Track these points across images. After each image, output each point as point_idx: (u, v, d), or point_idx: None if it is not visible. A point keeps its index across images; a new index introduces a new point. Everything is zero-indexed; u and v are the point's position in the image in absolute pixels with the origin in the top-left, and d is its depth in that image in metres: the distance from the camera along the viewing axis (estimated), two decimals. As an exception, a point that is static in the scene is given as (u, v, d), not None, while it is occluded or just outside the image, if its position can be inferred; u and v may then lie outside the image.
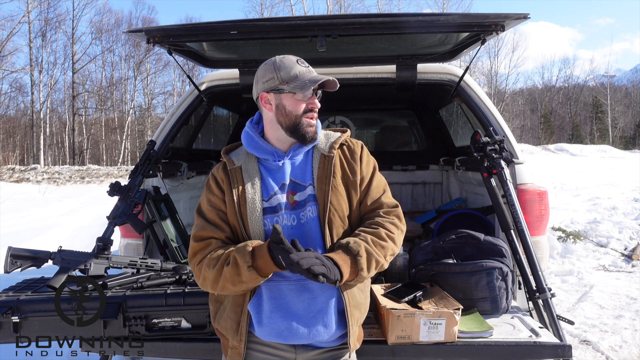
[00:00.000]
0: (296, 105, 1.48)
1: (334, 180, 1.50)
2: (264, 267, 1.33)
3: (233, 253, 1.37)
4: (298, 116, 1.48)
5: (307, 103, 1.49)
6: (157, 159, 2.63)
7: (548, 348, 1.78)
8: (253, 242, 1.40)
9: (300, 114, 1.48)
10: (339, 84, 1.51)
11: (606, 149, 25.87)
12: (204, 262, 1.43)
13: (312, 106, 1.49)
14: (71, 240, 6.32)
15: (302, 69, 1.48)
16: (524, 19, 2.02)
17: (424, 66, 2.79)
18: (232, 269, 1.35)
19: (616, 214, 7.51)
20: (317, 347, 1.49)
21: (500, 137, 2.40)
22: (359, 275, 1.39)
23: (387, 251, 1.44)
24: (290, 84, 1.47)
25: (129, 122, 36.86)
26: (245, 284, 1.37)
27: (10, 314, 1.82)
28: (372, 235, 1.44)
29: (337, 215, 1.48)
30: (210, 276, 1.41)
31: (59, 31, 34.11)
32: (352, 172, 1.54)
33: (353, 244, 1.39)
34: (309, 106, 1.49)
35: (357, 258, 1.37)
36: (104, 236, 2.20)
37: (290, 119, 1.49)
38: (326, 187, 1.48)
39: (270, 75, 1.49)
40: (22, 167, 20.20)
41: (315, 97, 1.50)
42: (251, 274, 1.33)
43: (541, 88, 51.80)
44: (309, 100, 1.49)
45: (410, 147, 4.98)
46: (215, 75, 2.98)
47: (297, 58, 1.51)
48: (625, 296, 4.40)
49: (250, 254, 1.34)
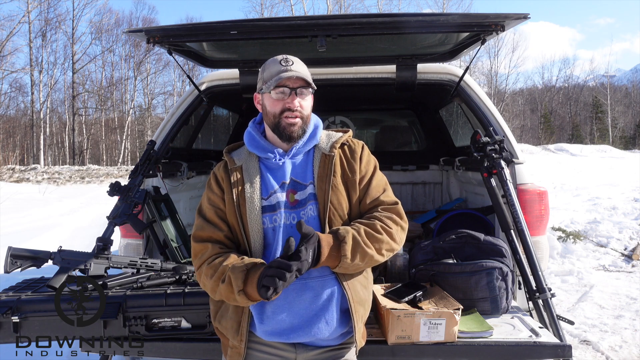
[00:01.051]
0: (273, 105, 1.50)
1: (334, 179, 1.51)
2: (252, 295, 1.34)
3: (228, 272, 1.37)
4: (276, 115, 1.49)
5: (285, 102, 1.48)
6: (157, 159, 2.63)
7: (548, 348, 1.78)
8: (252, 261, 1.39)
9: (277, 114, 1.49)
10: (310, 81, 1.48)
11: (606, 149, 25.86)
12: (203, 270, 1.44)
13: (289, 105, 1.48)
14: (71, 240, 6.32)
15: (280, 68, 1.48)
16: (524, 19, 2.02)
17: (424, 66, 2.79)
18: (226, 287, 1.37)
19: (616, 214, 7.51)
20: (318, 347, 1.49)
21: (500, 137, 2.40)
22: (341, 262, 1.38)
23: (382, 245, 1.44)
24: (267, 83, 1.49)
25: (129, 122, 36.84)
26: (239, 303, 1.39)
27: (10, 314, 1.82)
28: (365, 226, 1.44)
29: (337, 214, 1.48)
30: (208, 285, 1.44)
31: (59, 31, 34.12)
32: (351, 171, 1.55)
33: (342, 230, 1.41)
34: (286, 105, 1.48)
35: (341, 244, 1.38)
36: (104, 236, 2.20)
37: (270, 119, 1.51)
38: (326, 186, 1.49)
39: (259, 76, 1.54)
40: (22, 167, 20.19)
41: (295, 97, 1.48)
42: (241, 298, 1.35)
43: (541, 88, 51.81)
44: (286, 100, 1.48)
45: (410, 147, 4.98)
46: (215, 75, 2.98)
47: (283, 57, 1.51)
48: (625, 296, 4.40)
49: (243, 278, 1.34)
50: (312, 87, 1.51)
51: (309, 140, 1.57)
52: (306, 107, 1.52)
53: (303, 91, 1.49)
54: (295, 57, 1.54)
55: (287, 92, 1.48)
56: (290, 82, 1.47)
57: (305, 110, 1.51)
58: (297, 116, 1.49)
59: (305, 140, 1.55)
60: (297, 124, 1.49)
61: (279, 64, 1.49)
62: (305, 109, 1.51)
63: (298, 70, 1.48)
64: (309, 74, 1.54)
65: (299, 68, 1.50)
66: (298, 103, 1.48)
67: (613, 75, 55.90)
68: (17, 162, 23.10)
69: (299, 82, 1.48)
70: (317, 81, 2.87)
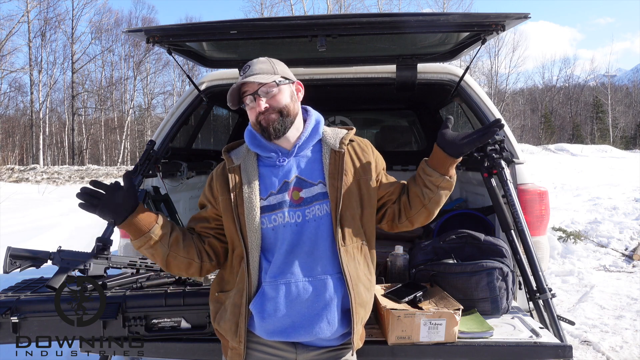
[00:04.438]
0: (250, 114, 1.52)
1: (346, 177, 1.50)
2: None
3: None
4: (254, 123, 1.50)
5: (255, 109, 1.48)
6: (156, 159, 2.62)
7: (548, 348, 1.77)
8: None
9: (254, 120, 1.50)
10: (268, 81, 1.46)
11: (607, 148, 25.85)
12: None
13: (258, 109, 1.47)
14: (71, 240, 6.31)
15: (239, 79, 1.49)
16: (525, 18, 2.02)
17: (424, 66, 2.78)
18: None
19: (617, 214, 7.51)
20: (318, 347, 1.48)
21: (500, 137, 2.39)
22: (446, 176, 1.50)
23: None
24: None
25: (128, 122, 36.86)
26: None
27: (10, 314, 1.82)
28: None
29: (348, 212, 1.47)
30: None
31: (59, 31, 34.15)
32: (364, 169, 1.54)
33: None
34: (257, 109, 1.47)
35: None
36: (103, 236, 2.20)
37: (255, 126, 1.52)
38: (338, 183, 1.47)
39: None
40: (22, 167, 20.19)
41: (259, 99, 1.45)
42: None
43: (542, 88, 51.77)
44: (254, 106, 1.48)
45: (410, 147, 4.98)
46: (215, 75, 2.98)
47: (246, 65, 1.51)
48: (626, 296, 4.39)
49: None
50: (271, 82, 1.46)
51: (311, 136, 1.55)
52: (278, 100, 1.47)
53: (266, 90, 1.46)
54: (258, 59, 1.53)
55: (252, 98, 1.47)
56: (249, 88, 1.47)
57: (278, 104, 1.47)
58: (270, 113, 1.46)
59: (307, 135, 1.54)
60: (272, 119, 1.46)
61: (241, 74, 1.50)
62: (278, 102, 1.47)
63: (253, 72, 1.47)
64: (272, 69, 1.50)
65: (255, 69, 1.48)
66: (264, 103, 1.46)
67: (614, 75, 55.90)
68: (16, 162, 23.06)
69: (256, 84, 1.46)
70: (317, 81, 2.91)
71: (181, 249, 1.46)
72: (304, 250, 1.44)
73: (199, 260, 1.49)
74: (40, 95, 32.93)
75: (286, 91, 1.50)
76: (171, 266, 1.48)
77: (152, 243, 1.42)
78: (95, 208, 1.39)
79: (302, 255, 1.44)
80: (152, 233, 1.42)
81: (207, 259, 1.51)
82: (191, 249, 1.48)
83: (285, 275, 1.43)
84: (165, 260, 1.46)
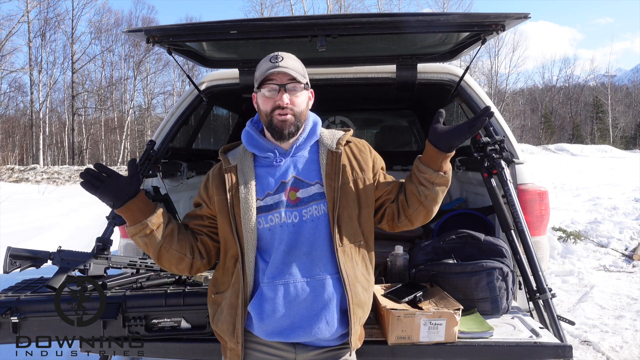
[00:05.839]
0: (265, 104, 1.49)
1: (343, 177, 1.50)
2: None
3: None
4: (267, 114, 1.48)
5: (275, 100, 1.46)
6: (156, 159, 2.62)
7: (548, 348, 1.77)
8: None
9: (269, 112, 1.47)
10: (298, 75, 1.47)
11: (607, 148, 25.84)
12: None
13: (278, 102, 1.46)
14: (71, 240, 6.31)
15: (268, 65, 1.46)
16: (525, 18, 2.02)
17: (424, 66, 2.78)
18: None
19: (617, 214, 7.51)
20: (317, 347, 1.48)
21: (500, 137, 2.39)
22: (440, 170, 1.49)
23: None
24: (257, 81, 1.49)
25: (128, 122, 36.84)
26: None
27: (10, 314, 1.82)
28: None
29: (345, 212, 1.47)
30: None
31: (59, 31, 34.12)
32: (361, 169, 1.54)
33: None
34: (276, 102, 1.46)
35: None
36: (103, 236, 2.20)
37: (263, 117, 1.50)
38: (335, 183, 1.47)
39: (255, 76, 1.53)
40: (22, 167, 20.18)
41: (284, 93, 1.45)
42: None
43: (541, 88, 51.73)
44: (275, 97, 1.46)
45: (410, 147, 4.97)
46: (215, 75, 2.97)
47: (274, 55, 1.49)
48: (626, 296, 4.39)
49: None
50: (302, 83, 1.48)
51: (309, 137, 1.55)
52: (299, 104, 1.48)
53: (295, 87, 1.47)
54: (288, 54, 1.52)
55: (277, 88, 1.46)
56: (278, 78, 1.46)
57: (297, 107, 1.47)
58: (287, 113, 1.46)
59: (305, 136, 1.54)
60: (288, 120, 1.46)
61: (269, 61, 1.48)
62: (298, 105, 1.48)
63: (287, 65, 1.46)
64: (302, 70, 1.51)
65: (289, 63, 1.47)
66: (287, 99, 1.45)
67: (614, 75, 55.89)
68: (16, 162, 23.08)
69: (288, 78, 1.46)
70: (317, 81, 2.91)
71: (175, 242, 1.46)
72: (302, 251, 1.44)
73: (191, 257, 1.50)
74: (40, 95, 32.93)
75: (306, 96, 1.53)
76: (163, 259, 1.47)
77: (148, 232, 1.42)
78: (97, 190, 1.38)
79: (301, 256, 1.44)
80: (149, 221, 1.42)
81: (199, 256, 1.52)
82: (184, 244, 1.48)
83: (283, 276, 1.42)
84: (158, 251, 1.45)
